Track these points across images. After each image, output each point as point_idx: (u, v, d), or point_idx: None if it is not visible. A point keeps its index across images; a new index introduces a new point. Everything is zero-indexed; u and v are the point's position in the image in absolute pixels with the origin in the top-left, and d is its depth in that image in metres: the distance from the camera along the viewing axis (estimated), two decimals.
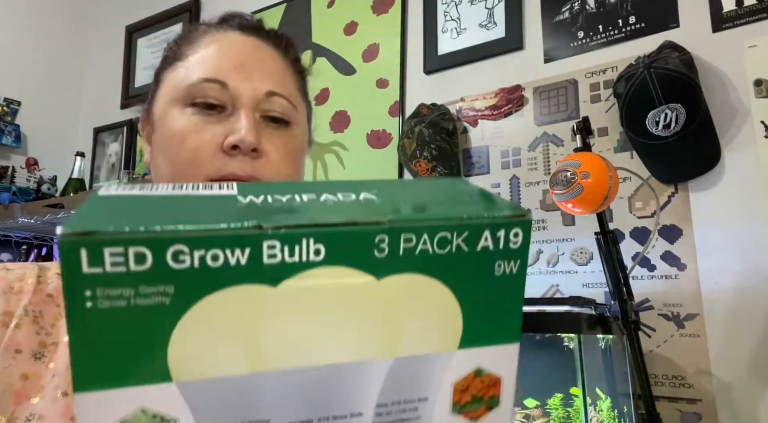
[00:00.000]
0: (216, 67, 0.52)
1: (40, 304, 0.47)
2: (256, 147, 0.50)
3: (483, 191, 0.23)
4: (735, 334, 1.22)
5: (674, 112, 1.25)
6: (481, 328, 0.21)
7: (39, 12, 2.71)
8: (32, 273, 0.49)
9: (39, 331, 0.46)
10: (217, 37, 0.55)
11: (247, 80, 0.52)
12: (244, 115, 0.51)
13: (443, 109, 1.67)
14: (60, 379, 0.43)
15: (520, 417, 1.14)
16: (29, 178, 2.37)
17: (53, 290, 0.49)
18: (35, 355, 0.45)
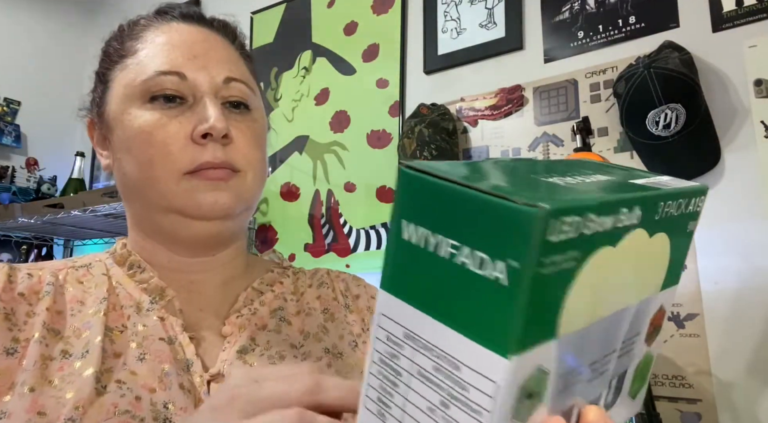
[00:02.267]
0: (170, 60, 0.52)
1: (11, 302, 0.47)
2: (227, 133, 0.51)
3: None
4: (735, 334, 1.22)
5: (674, 112, 1.25)
6: (672, 274, 0.26)
7: (39, 12, 2.71)
8: (2, 272, 0.49)
9: (12, 328, 0.46)
10: (163, 29, 0.55)
11: (203, 69, 0.52)
12: (209, 103, 0.51)
13: (443, 109, 1.67)
14: (27, 375, 0.43)
15: None
16: (29, 178, 2.37)
17: (24, 289, 0.49)
18: (7, 350, 0.44)
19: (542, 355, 0.19)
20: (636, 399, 0.27)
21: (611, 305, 0.22)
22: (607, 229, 0.20)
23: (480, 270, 0.18)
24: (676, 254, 0.26)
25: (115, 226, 2.17)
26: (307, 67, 2.06)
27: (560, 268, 0.18)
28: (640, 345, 0.26)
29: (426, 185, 0.19)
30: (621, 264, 0.22)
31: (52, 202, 2.01)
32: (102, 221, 2.08)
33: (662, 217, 0.24)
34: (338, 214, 1.88)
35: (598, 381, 0.23)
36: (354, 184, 1.87)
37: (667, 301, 0.27)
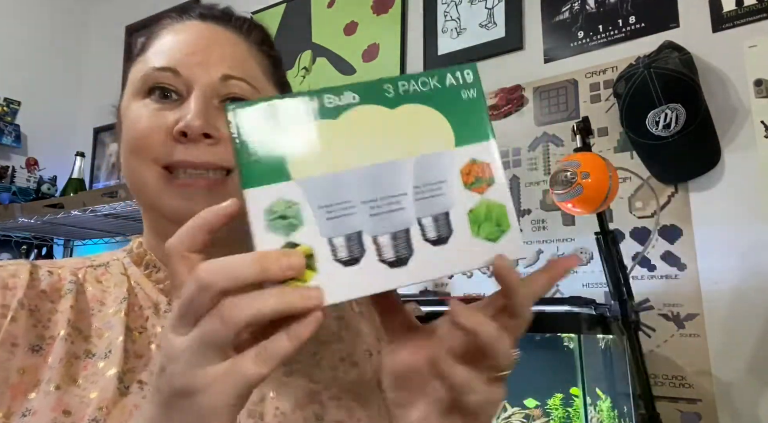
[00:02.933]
0: (168, 56, 0.51)
1: (35, 299, 0.47)
2: (208, 132, 0.48)
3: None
4: (735, 334, 1.22)
5: (674, 112, 1.25)
6: (465, 133, 0.33)
7: (39, 12, 2.71)
8: (24, 269, 0.49)
9: (36, 324, 0.46)
10: (177, 27, 0.54)
11: (200, 66, 0.50)
12: (194, 99, 0.48)
13: None
14: (53, 373, 0.43)
15: (520, 417, 1.14)
16: (29, 178, 2.37)
17: (46, 286, 0.49)
18: (33, 348, 0.45)
19: (279, 189, 0.30)
20: (500, 242, 0.32)
21: (358, 160, 0.31)
22: (314, 109, 0.32)
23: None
24: (462, 116, 0.33)
25: (115, 226, 2.17)
26: (307, 67, 2.06)
27: (267, 137, 0.30)
28: (454, 192, 0.32)
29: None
30: (348, 131, 0.31)
31: (52, 202, 2.01)
32: (102, 221, 2.07)
33: (399, 95, 0.32)
34: None
35: (390, 216, 0.31)
36: None
37: (479, 155, 0.33)
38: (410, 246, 0.31)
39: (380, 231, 0.31)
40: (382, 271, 0.30)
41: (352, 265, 0.30)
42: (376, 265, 0.30)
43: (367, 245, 0.30)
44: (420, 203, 0.31)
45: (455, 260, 0.32)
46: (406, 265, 0.31)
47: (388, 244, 0.31)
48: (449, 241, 0.32)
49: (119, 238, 2.40)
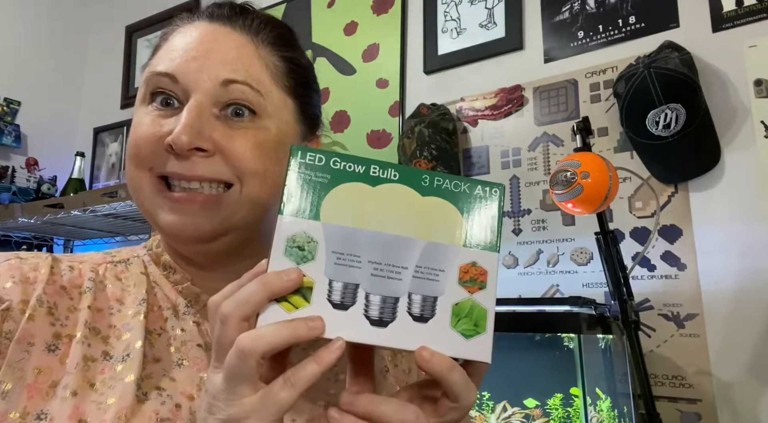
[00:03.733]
0: (169, 60, 0.49)
1: (54, 296, 0.46)
2: (199, 146, 0.46)
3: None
4: (735, 334, 1.22)
5: (674, 112, 1.25)
6: (476, 237, 0.37)
7: (39, 12, 2.71)
8: (45, 263, 0.48)
9: (54, 323, 0.45)
10: (182, 29, 0.52)
11: (199, 72, 0.48)
12: (185, 111, 0.46)
13: (443, 109, 1.67)
14: (70, 378, 0.43)
15: (519, 417, 1.14)
16: (29, 178, 2.37)
17: (66, 282, 0.48)
18: (49, 347, 0.44)
19: (306, 225, 0.35)
20: (471, 340, 0.35)
21: (379, 225, 0.35)
22: (358, 172, 0.36)
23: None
24: (478, 223, 0.37)
25: (115, 226, 2.17)
26: None
27: (314, 178, 0.35)
28: (448, 283, 0.36)
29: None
30: (380, 199, 0.36)
31: (52, 202, 2.01)
32: (102, 221, 2.08)
33: (432, 187, 0.37)
34: None
35: (387, 282, 0.35)
36: None
37: (480, 260, 0.36)
38: (394, 313, 0.34)
39: (375, 290, 0.34)
40: (363, 324, 0.34)
41: (340, 309, 0.34)
42: (359, 318, 0.34)
43: (359, 298, 0.34)
44: (416, 281, 0.35)
45: (427, 341, 0.34)
46: (385, 328, 0.34)
47: (376, 304, 0.34)
48: (428, 322, 0.35)
49: (119, 238, 2.40)
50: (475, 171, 1.64)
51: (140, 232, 2.25)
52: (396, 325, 0.34)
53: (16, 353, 0.42)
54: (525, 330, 1.15)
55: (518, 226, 1.54)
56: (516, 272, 1.52)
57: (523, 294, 1.48)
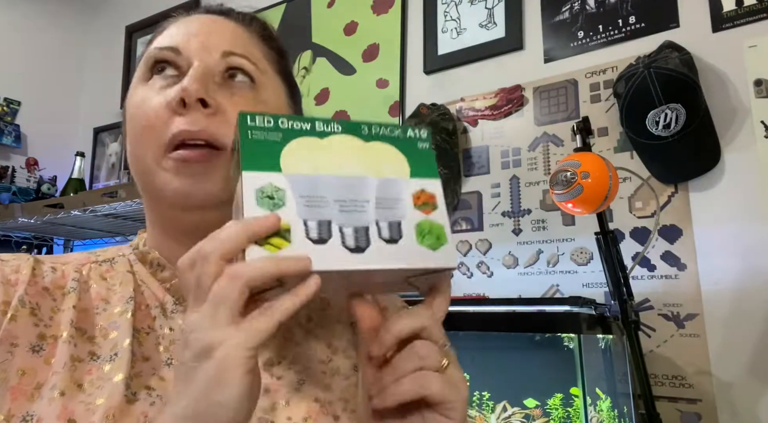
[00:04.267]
0: (170, 38, 0.52)
1: (36, 296, 0.46)
2: (204, 98, 0.47)
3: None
4: (735, 334, 1.22)
5: (674, 112, 1.25)
6: (418, 170, 0.42)
7: (39, 12, 2.71)
8: (27, 264, 0.48)
9: (38, 323, 0.44)
10: (179, 20, 0.55)
11: (201, 45, 0.51)
12: (191, 70, 0.48)
13: (443, 109, 1.67)
14: (58, 378, 0.42)
15: (520, 417, 1.14)
16: (29, 178, 2.37)
17: (48, 283, 0.48)
18: (33, 347, 0.43)
19: (270, 177, 0.37)
20: (438, 251, 0.39)
21: (335, 170, 0.39)
22: (306, 128, 0.40)
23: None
24: (417, 158, 0.42)
25: (115, 226, 2.17)
26: (307, 67, 2.06)
27: (267, 138, 0.39)
28: (406, 209, 0.40)
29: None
30: (331, 149, 0.40)
31: (52, 202, 2.01)
32: (102, 221, 2.08)
33: (372, 134, 0.42)
34: None
35: (355, 215, 0.38)
36: None
37: (427, 187, 0.41)
38: (368, 239, 0.38)
39: (346, 223, 0.38)
40: (343, 253, 0.37)
41: (320, 244, 0.36)
42: (339, 248, 0.37)
43: (334, 232, 0.37)
44: (379, 211, 0.39)
45: (402, 258, 0.38)
46: (363, 253, 0.37)
47: (351, 234, 0.37)
48: (399, 243, 0.38)
49: (119, 238, 2.40)
50: (475, 171, 1.64)
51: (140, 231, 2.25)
52: (372, 249, 0.37)
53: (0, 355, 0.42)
54: (525, 330, 1.15)
55: (518, 226, 1.54)
56: (516, 272, 1.52)
57: (523, 294, 1.48)
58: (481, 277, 1.57)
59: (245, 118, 0.39)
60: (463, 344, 1.20)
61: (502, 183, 1.59)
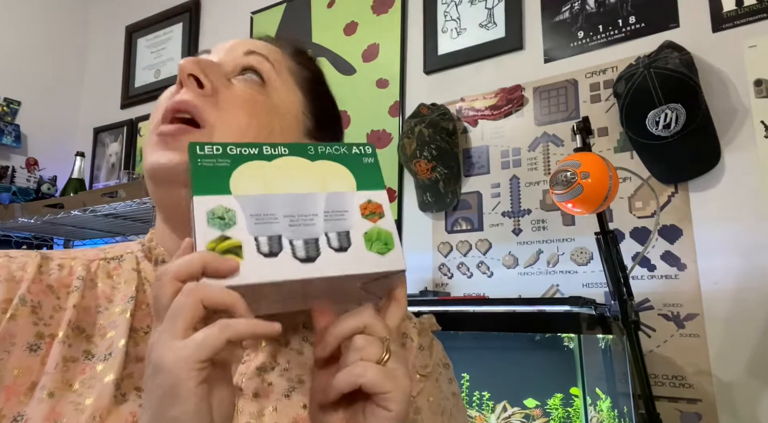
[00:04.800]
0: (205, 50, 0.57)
1: (39, 294, 0.46)
2: (198, 77, 0.49)
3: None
4: (735, 334, 1.22)
5: (674, 112, 1.25)
6: (364, 182, 0.43)
7: (39, 12, 2.71)
8: (33, 261, 0.48)
9: (37, 322, 0.44)
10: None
11: (229, 47, 0.55)
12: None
13: (443, 109, 1.67)
14: (48, 379, 0.42)
15: (520, 417, 1.14)
16: (29, 178, 2.37)
17: (54, 281, 0.48)
18: (30, 347, 0.43)
19: (220, 199, 0.39)
20: (386, 256, 0.41)
21: (284, 188, 0.41)
22: (253, 153, 0.42)
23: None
24: (362, 172, 0.44)
25: (115, 226, 2.17)
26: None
27: (216, 164, 0.40)
28: (354, 219, 0.41)
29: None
30: (279, 170, 0.41)
31: (52, 202, 2.01)
32: (102, 221, 2.08)
33: (318, 154, 0.43)
34: None
35: (304, 228, 0.40)
36: None
37: (373, 197, 0.43)
38: (318, 249, 0.39)
39: (296, 237, 0.39)
40: (294, 264, 0.38)
41: (271, 257, 0.38)
42: (290, 260, 0.38)
43: (285, 245, 0.39)
44: (328, 223, 0.41)
45: (352, 264, 0.39)
46: (314, 262, 0.39)
47: (301, 246, 0.39)
48: (348, 251, 0.40)
49: (119, 238, 2.40)
50: (475, 171, 1.64)
51: (140, 232, 2.25)
52: (323, 258, 0.39)
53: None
54: (525, 330, 1.15)
55: (518, 226, 1.54)
56: (516, 272, 1.52)
57: (523, 294, 1.48)
58: (481, 277, 1.57)
59: (194, 147, 0.40)
60: (463, 344, 1.20)
61: (502, 183, 1.59)
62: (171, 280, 0.35)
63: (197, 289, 0.34)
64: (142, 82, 2.60)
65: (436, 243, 1.68)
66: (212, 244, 0.37)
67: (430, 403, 0.56)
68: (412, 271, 1.68)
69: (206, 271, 0.35)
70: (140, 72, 2.63)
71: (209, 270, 0.35)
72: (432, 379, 0.58)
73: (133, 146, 2.58)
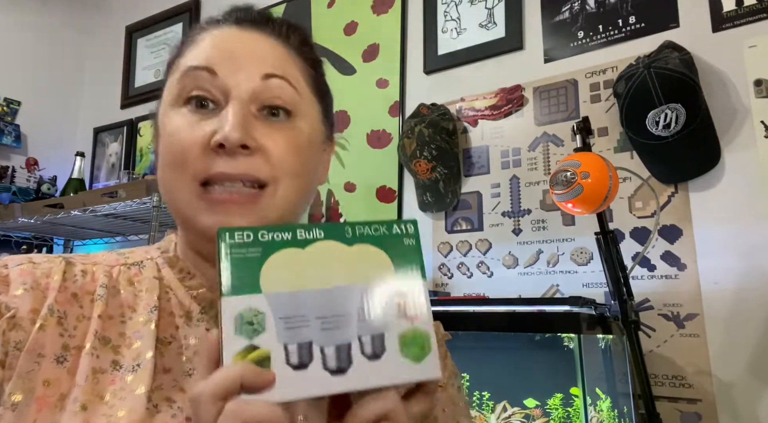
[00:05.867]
0: (204, 56, 0.49)
1: (64, 304, 0.46)
2: (246, 143, 0.46)
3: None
4: (735, 334, 1.22)
5: (674, 112, 1.25)
6: (404, 272, 0.41)
7: (39, 12, 2.71)
8: (59, 269, 0.47)
9: (63, 333, 0.44)
10: (213, 32, 0.52)
11: (239, 70, 0.49)
12: (231, 109, 0.47)
13: (443, 109, 1.67)
14: (80, 391, 0.42)
15: (520, 417, 1.14)
16: (29, 178, 2.37)
17: (78, 289, 0.47)
18: (58, 358, 0.43)
19: (250, 300, 0.37)
20: (423, 363, 0.39)
21: (317, 283, 0.38)
22: (286, 239, 0.39)
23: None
24: (402, 258, 0.41)
25: (115, 226, 2.17)
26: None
27: (246, 255, 0.38)
28: (390, 317, 0.39)
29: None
30: (312, 259, 0.39)
31: (52, 202, 2.01)
32: (102, 221, 2.08)
33: (356, 236, 0.41)
34: (338, 214, 1.88)
35: (337, 332, 0.37)
36: (354, 184, 1.87)
37: (413, 290, 0.40)
38: (350, 358, 0.37)
39: (328, 343, 0.37)
40: (324, 377, 0.36)
41: (300, 369, 0.36)
42: (320, 372, 0.36)
43: (315, 354, 0.37)
44: (362, 324, 0.38)
45: (385, 375, 0.38)
46: (345, 374, 0.37)
47: (332, 355, 0.37)
48: (382, 357, 0.38)
49: (119, 238, 2.40)
50: (475, 171, 1.64)
51: (140, 232, 2.26)
52: (354, 369, 0.37)
53: (27, 364, 0.42)
54: (525, 330, 1.15)
55: (518, 226, 1.54)
56: (516, 272, 1.52)
57: (523, 294, 1.48)
58: (481, 277, 1.57)
59: (224, 235, 0.38)
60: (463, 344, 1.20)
61: (502, 183, 1.59)
62: (212, 400, 0.34)
63: (241, 411, 0.33)
64: (142, 82, 2.60)
65: (436, 243, 1.68)
66: (240, 356, 0.35)
67: (445, 414, 0.56)
68: None
69: (244, 386, 0.34)
70: (140, 72, 2.63)
71: (246, 384, 0.34)
72: (447, 390, 0.58)
73: (133, 146, 2.58)
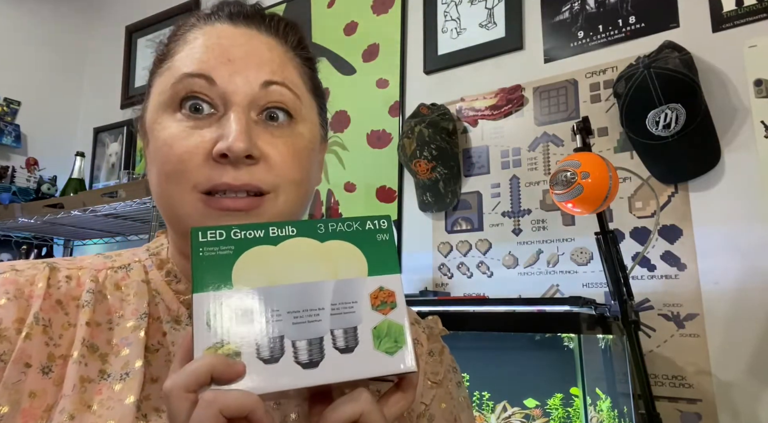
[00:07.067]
0: (200, 62, 0.47)
1: (49, 311, 0.45)
2: (250, 153, 0.45)
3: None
4: (735, 334, 1.22)
5: (674, 112, 1.25)
6: (377, 265, 0.41)
7: (39, 12, 2.71)
8: (42, 275, 0.46)
9: (48, 342, 0.44)
10: (205, 29, 0.49)
11: (238, 75, 0.47)
12: (234, 118, 0.45)
13: (443, 109, 1.67)
14: (67, 401, 0.41)
15: (520, 417, 1.14)
16: (29, 178, 2.37)
17: (62, 295, 0.46)
18: (43, 369, 0.42)
19: (222, 295, 0.37)
20: (396, 356, 0.38)
21: (289, 278, 0.38)
22: (259, 236, 0.39)
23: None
24: (375, 253, 0.41)
25: (115, 226, 2.17)
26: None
27: (218, 253, 0.38)
28: (363, 311, 0.39)
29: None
30: (285, 255, 0.39)
31: (52, 202, 2.01)
32: (102, 221, 2.08)
33: (328, 232, 0.40)
34: (338, 214, 1.88)
35: (309, 326, 0.37)
36: (354, 184, 1.87)
37: (386, 284, 0.40)
38: (322, 352, 0.37)
39: (299, 337, 0.37)
40: (296, 370, 0.36)
41: (271, 363, 0.36)
42: (292, 366, 0.36)
43: (287, 348, 0.37)
44: (335, 317, 0.38)
45: (357, 368, 0.38)
46: (317, 367, 0.37)
47: (304, 348, 0.37)
48: (355, 351, 0.38)
49: (119, 238, 2.40)
50: (475, 171, 1.64)
51: (140, 232, 2.26)
52: (326, 362, 0.37)
53: (13, 375, 0.41)
54: (525, 330, 1.15)
55: (518, 226, 1.54)
56: (516, 272, 1.52)
57: (523, 294, 1.49)
58: (481, 277, 1.57)
59: (197, 234, 0.38)
60: (463, 344, 1.20)
61: (502, 183, 1.59)
62: (183, 394, 0.34)
63: (215, 401, 0.33)
64: (142, 82, 2.60)
65: (436, 243, 1.68)
66: (211, 350, 0.35)
67: (442, 410, 0.55)
68: (412, 272, 1.68)
69: (214, 377, 0.34)
70: (140, 72, 2.63)
71: (216, 376, 0.34)
72: (444, 385, 0.58)
73: (133, 146, 2.58)
